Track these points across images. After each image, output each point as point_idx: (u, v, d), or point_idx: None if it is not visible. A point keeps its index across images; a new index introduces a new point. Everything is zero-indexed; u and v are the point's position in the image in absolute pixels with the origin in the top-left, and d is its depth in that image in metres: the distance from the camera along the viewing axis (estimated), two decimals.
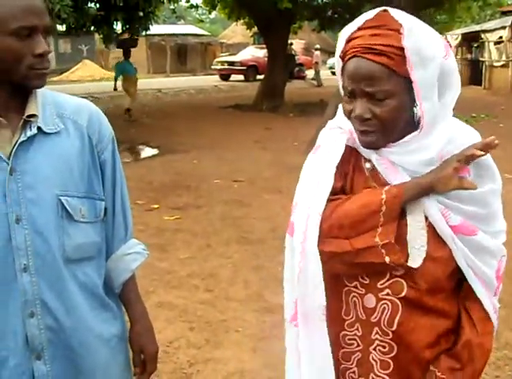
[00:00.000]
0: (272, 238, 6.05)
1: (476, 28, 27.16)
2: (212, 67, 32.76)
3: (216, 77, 31.25)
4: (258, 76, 27.53)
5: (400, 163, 1.52)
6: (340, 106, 1.66)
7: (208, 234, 6.36)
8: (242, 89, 24.72)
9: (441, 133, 1.51)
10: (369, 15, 1.50)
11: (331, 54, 32.30)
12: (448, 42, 1.51)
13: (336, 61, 1.57)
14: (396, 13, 1.47)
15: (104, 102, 19.84)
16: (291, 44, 26.45)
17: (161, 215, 7.04)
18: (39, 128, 1.61)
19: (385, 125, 1.48)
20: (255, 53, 30.91)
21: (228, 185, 8.52)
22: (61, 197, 1.63)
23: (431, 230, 1.51)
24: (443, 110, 1.52)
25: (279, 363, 3.75)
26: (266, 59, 21.50)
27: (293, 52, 27.74)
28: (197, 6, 22.16)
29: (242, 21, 22.13)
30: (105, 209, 1.78)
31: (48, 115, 1.65)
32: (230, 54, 35.10)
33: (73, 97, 1.79)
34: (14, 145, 1.57)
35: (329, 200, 1.55)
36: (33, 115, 1.60)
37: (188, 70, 38.79)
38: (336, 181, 1.58)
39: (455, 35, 27.46)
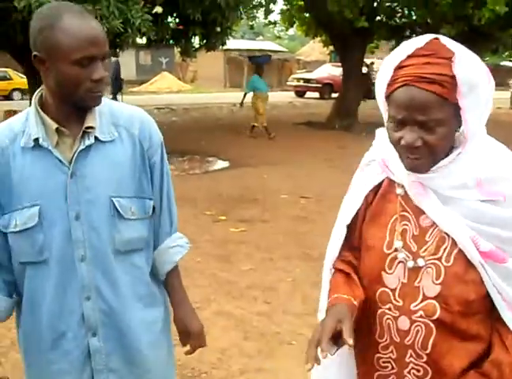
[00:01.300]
0: None
1: None
2: (288, 83, 32.96)
3: (292, 94, 31.43)
4: (333, 95, 27.49)
5: (432, 186, 1.57)
6: (379, 132, 1.74)
7: (272, 248, 6.46)
8: (316, 107, 24.73)
9: (478, 153, 1.56)
10: (419, 43, 1.52)
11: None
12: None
13: (378, 87, 1.59)
14: (447, 41, 1.51)
15: (179, 113, 20.27)
16: (373, 63, 26.27)
17: (227, 226, 7.19)
18: (95, 137, 1.84)
19: (434, 152, 1.52)
20: (331, 71, 30.88)
21: (295, 201, 8.60)
22: (113, 199, 1.86)
23: (463, 253, 1.54)
24: (481, 131, 1.58)
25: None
26: (342, 77, 21.52)
27: (373, 71, 27.55)
28: (275, 23, 22.40)
29: (319, 39, 22.21)
30: (153, 207, 2.00)
31: (104, 125, 1.87)
32: (306, 71, 35.23)
33: (127, 106, 2.01)
34: (74, 152, 1.81)
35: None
36: (91, 127, 1.82)
37: None
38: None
39: None
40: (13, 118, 1.90)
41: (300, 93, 31.20)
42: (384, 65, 1.57)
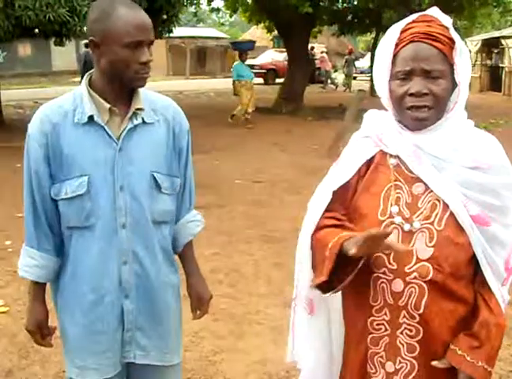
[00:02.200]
0: (292, 237, 6.11)
1: (496, 34, 27.11)
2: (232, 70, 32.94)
3: None
4: (277, 80, 27.66)
5: (427, 149, 1.70)
6: (367, 114, 1.86)
7: (231, 232, 6.55)
8: (261, 92, 24.76)
9: (460, 120, 1.75)
10: (418, 14, 1.74)
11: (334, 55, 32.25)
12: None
13: (383, 52, 1.74)
14: (439, 14, 1.72)
15: None
16: (313, 48, 26.53)
17: None
18: (142, 118, 2.06)
19: (438, 101, 1.68)
20: (275, 56, 31.09)
21: (249, 186, 8.72)
22: (153, 173, 2.09)
23: (453, 218, 1.67)
24: (464, 100, 1.74)
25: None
26: (286, 63, 21.67)
27: (314, 56, 27.81)
28: (218, 10, 22.35)
29: (262, 25, 22.28)
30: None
31: (147, 108, 2.09)
32: (249, 58, 35.26)
33: (160, 95, 2.23)
34: (123, 130, 2.04)
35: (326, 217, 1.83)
36: (140, 108, 2.05)
37: (207, 73, 38.98)
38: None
39: (475, 41, 27.42)
40: (59, 98, 2.10)
41: None
42: (390, 31, 1.75)
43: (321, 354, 2.02)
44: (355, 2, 20.21)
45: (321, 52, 30.54)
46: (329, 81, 29.69)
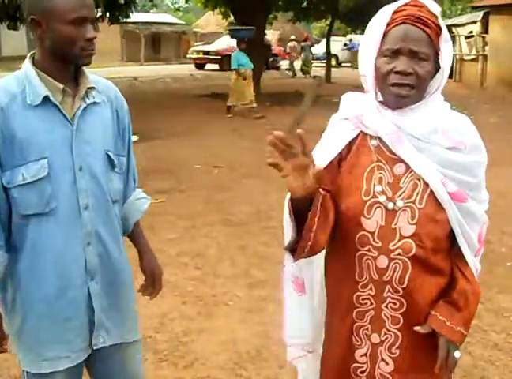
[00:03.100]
0: (254, 220, 6.30)
1: (448, 22, 27.55)
2: (188, 56, 32.77)
3: (191, 66, 31.31)
4: None
5: (407, 129, 1.77)
6: (345, 97, 1.91)
7: (193, 217, 6.58)
8: (217, 78, 24.77)
9: (438, 102, 1.84)
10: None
11: (298, 43, 32.21)
12: None
13: (374, 30, 1.81)
14: (429, 2, 1.79)
15: None
16: (265, 35, 26.54)
17: None
18: (93, 97, 2.05)
19: (420, 82, 1.75)
20: (230, 42, 30.94)
21: (209, 171, 8.75)
22: (107, 152, 2.09)
23: (433, 196, 1.76)
24: (442, 86, 1.82)
25: (267, 332, 4.03)
26: None
27: (268, 43, 27.81)
28: None
29: (217, 11, 22.20)
30: None
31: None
32: (204, 44, 35.09)
33: (99, 77, 2.18)
34: (77, 110, 2.00)
35: None
36: (92, 87, 2.04)
37: (162, 59, 38.67)
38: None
39: None
40: (3, 80, 1.99)
41: (200, 65, 31.13)
42: (381, 11, 1.82)
43: (316, 330, 2.08)
44: None
45: (291, 40, 30.00)
46: (286, 68, 29.76)
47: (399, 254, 1.77)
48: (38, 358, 2.07)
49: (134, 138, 10.31)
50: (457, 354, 1.82)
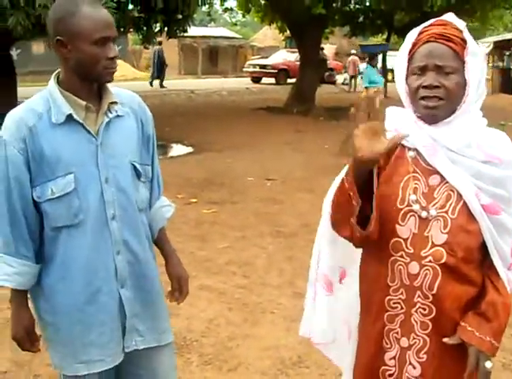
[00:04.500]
0: (303, 232, 6.40)
1: (508, 36, 27.16)
2: (244, 70, 33.08)
3: (248, 80, 31.61)
4: (289, 80, 27.79)
5: (443, 141, 1.87)
6: (388, 110, 2.03)
7: (244, 227, 6.74)
8: (272, 92, 25.00)
9: (474, 117, 1.92)
10: (434, 20, 1.93)
11: (362, 59, 32.11)
12: None
13: (403, 51, 1.94)
14: (453, 19, 1.91)
15: None
16: (323, 49, 26.63)
17: (199, 208, 7.43)
18: (116, 111, 2.16)
19: (449, 95, 1.85)
20: (287, 57, 31.21)
21: (261, 184, 8.88)
22: (132, 163, 2.20)
23: (465, 207, 1.85)
24: (478, 98, 1.91)
25: (309, 340, 4.11)
26: (297, 63, 21.79)
27: (324, 57, 27.86)
28: (231, 9, 22.56)
29: (274, 25, 22.45)
30: None
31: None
32: (261, 57, 35.40)
33: (121, 89, 2.30)
34: (100, 125, 2.11)
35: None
36: (114, 102, 2.15)
37: (219, 72, 39.11)
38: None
39: (487, 43, 27.46)
40: (27, 103, 2.12)
41: (256, 79, 31.43)
42: (410, 34, 1.95)
43: (339, 330, 2.22)
44: (368, 3, 20.35)
45: (350, 54, 29.92)
46: (341, 81, 29.68)
47: (430, 261, 1.85)
48: (74, 361, 2.19)
49: (189, 150, 10.64)
50: (488, 364, 1.86)
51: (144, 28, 13.16)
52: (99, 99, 2.12)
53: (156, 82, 26.41)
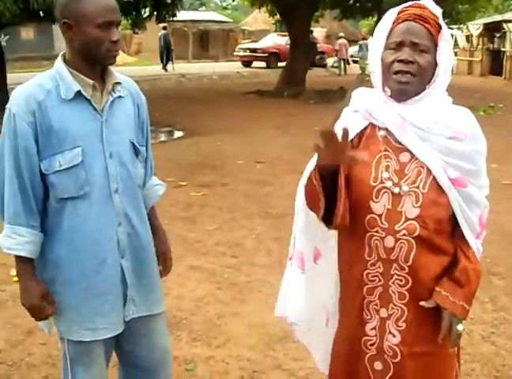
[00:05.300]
0: (292, 213, 6.38)
1: (498, 17, 27.16)
2: (235, 54, 32.94)
3: (238, 64, 31.49)
4: (280, 64, 27.75)
5: (411, 119, 1.96)
6: (356, 92, 2.12)
7: (233, 209, 6.82)
8: (263, 76, 24.99)
9: (441, 97, 2.00)
10: (414, 1, 2.02)
11: (351, 42, 32.08)
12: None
13: (381, 28, 2.02)
14: (431, 4, 1.99)
15: None
16: (312, 32, 26.60)
17: (189, 191, 7.51)
18: (119, 92, 2.30)
19: (421, 72, 1.93)
20: (277, 40, 31.10)
21: (251, 166, 8.98)
22: (132, 141, 2.34)
23: (435, 181, 1.94)
24: (445, 80, 2.00)
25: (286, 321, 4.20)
26: (288, 47, 21.75)
27: (315, 40, 27.82)
28: None
29: (264, 9, 22.41)
30: None
31: None
32: (252, 41, 35.30)
33: (121, 74, 2.40)
34: (105, 103, 2.24)
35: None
36: (118, 83, 2.29)
37: (210, 56, 39.00)
38: None
39: (477, 25, 27.48)
40: (35, 79, 2.22)
41: (247, 63, 31.32)
42: (388, 13, 2.04)
43: (317, 314, 2.31)
44: None
45: (339, 37, 29.97)
46: (331, 65, 29.66)
47: (404, 235, 1.94)
48: (80, 328, 2.30)
49: (179, 134, 10.69)
50: (459, 327, 1.98)
51: (134, 13, 13.13)
52: (102, 79, 2.24)
53: (170, 66, 26.95)
